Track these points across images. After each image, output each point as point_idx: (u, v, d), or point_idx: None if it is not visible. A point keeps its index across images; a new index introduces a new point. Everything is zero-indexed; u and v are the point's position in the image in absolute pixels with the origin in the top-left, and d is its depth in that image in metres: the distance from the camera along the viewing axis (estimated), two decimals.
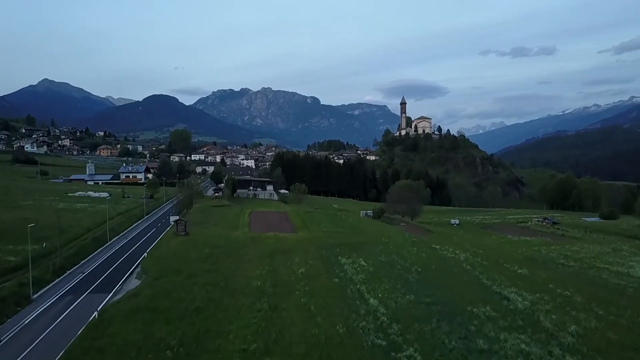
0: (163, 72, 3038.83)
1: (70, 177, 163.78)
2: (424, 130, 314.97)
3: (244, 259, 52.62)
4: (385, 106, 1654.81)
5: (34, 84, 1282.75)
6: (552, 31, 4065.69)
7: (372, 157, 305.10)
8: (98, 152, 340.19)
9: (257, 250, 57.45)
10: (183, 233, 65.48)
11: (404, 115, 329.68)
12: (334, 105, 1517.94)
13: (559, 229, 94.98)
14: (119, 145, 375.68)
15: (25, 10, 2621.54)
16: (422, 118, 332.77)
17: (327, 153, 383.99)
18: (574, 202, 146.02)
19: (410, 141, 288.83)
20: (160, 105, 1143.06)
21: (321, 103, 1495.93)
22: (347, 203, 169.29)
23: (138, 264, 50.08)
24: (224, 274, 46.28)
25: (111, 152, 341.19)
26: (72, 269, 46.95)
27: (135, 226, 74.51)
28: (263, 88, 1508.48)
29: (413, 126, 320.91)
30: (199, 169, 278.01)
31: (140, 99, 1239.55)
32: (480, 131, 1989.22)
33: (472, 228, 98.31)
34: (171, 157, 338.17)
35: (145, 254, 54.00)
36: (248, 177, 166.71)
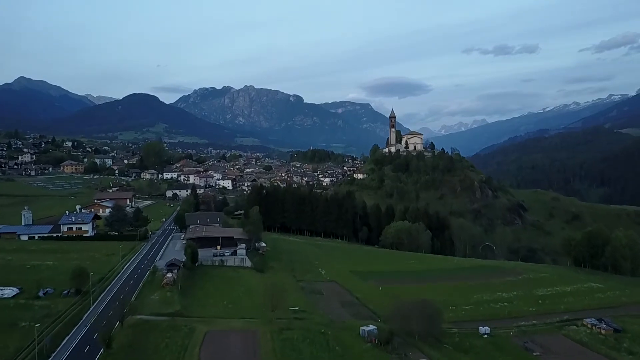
0: (144, 69, 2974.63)
1: (0, 230, 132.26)
2: (415, 147, 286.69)
3: None
4: (368, 104, 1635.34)
5: (10, 82, 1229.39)
6: (535, 29, 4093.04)
7: (360, 176, 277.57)
8: (62, 168, 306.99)
9: None
10: None
11: (393, 130, 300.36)
12: (317, 103, 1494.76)
13: (632, 353, 67.95)
14: (85, 159, 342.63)
15: None
16: (413, 133, 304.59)
17: (312, 166, 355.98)
18: (606, 261, 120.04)
19: (402, 160, 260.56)
20: (141, 105, 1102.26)
21: (304, 101, 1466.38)
22: (335, 255, 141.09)
23: None
24: None
25: (76, 169, 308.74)
26: None
27: None
28: (245, 86, 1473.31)
29: (403, 142, 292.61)
30: (169, 193, 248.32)
31: (120, 97, 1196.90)
32: (463, 129, 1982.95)
33: (510, 348, 70.68)
34: (142, 175, 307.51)
35: None
36: (217, 227, 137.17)
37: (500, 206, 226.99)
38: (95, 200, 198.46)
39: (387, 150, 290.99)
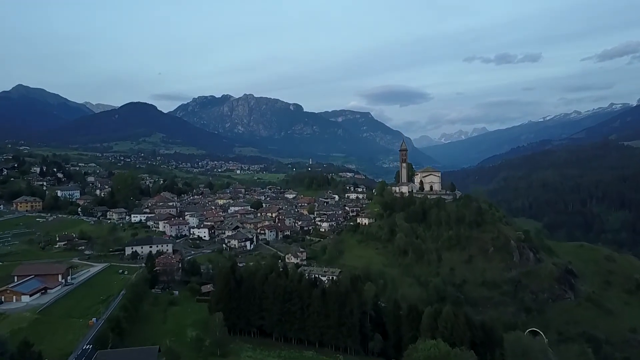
0: (145, 77, 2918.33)
1: None
2: (431, 187, 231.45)
3: None
4: (368, 113, 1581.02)
5: (8, 90, 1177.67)
6: (538, 38, 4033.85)
7: (366, 221, 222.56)
8: (15, 206, 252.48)
9: None
10: None
11: (404, 165, 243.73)
12: (317, 112, 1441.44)
13: None
14: (47, 192, 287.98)
15: None
16: (429, 171, 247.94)
17: (308, 199, 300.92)
18: None
19: (417, 207, 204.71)
20: (138, 114, 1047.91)
21: (304, 110, 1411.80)
22: None
23: None
24: None
25: (32, 206, 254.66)
26: None
27: None
28: (245, 94, 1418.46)
29: (417, 180, 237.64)
30: (128, 250, 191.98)
31: (120, 105, 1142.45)
32: (463, 137, 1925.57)
33: None
34: (108, 214, 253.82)
35: None
36: None
37: (545, 274, 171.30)
38: (15, 278, 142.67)
39: (397, 190, 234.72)
